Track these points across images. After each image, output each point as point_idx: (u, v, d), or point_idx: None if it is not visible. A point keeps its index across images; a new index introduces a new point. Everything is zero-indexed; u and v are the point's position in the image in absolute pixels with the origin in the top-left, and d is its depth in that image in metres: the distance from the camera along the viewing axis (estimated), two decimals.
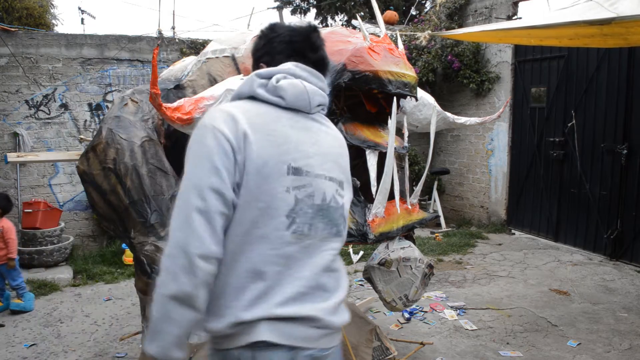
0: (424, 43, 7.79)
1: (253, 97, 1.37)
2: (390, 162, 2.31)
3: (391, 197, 2.45)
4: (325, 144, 1.41)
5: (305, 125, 1.38)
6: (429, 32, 7.56)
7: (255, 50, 1.53)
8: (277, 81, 1.36)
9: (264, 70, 1.40)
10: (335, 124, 2.37)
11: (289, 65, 1.41)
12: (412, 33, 8.00)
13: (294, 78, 1.39)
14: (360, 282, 5.13)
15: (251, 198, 1.26)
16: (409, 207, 2.57)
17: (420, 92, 3.01)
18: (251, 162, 1.25)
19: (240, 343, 1.26)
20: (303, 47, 1.47)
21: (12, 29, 6.21)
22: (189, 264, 1.18)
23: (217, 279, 1.26)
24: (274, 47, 1.47)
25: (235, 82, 2.07)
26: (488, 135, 7.55)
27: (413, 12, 10.95)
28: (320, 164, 1.37)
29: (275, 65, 1.43)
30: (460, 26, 7.82)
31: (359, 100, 2.63)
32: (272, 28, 1.50)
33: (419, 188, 2.63)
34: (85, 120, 6.58)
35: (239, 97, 1.40)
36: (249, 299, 1.25)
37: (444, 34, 5.79)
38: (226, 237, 1.26)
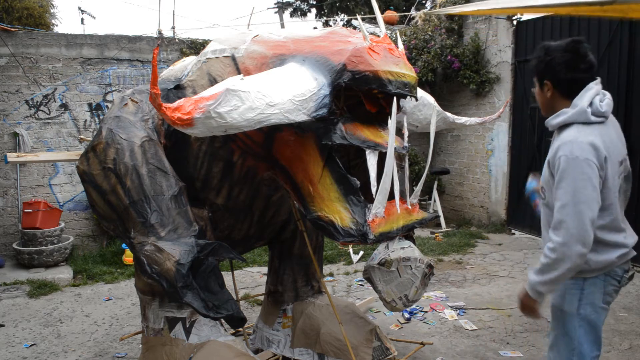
0: (419, 23, 7.79)
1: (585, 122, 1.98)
2: (390, 162, 2.30)
3: (391, 197, 2.45)
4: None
5: (609, 129, 2.04)
6: (424, 11, 7.55)
7: (539, 71, 2.10)
8: (601, 103, 2.00)
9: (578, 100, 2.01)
10: (335, 124, 2.37)
11: (594, 86, 2.02)
12: (411, 29, 7.99)
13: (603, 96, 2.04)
14: (360, 282, 5.14)
15: (605, 188, 1.99)
16: (409, 207, 2.56)
17: (420, 92, 3.01)
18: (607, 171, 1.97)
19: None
20: (577, 62, 2.05)
21: (12, 29, 6.21)
22: (582, 252, 1.93)
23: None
24: (554, 67, 2.03)
25: (235, 82, 2.06)
26: (488, 135, 7.55)
27: (413, 12, 10.94)
28: (621, 152, 2.08)
29: (557, 82, 2.06)
30: (460, 26, 7.83)
31: (359, 100, 2.63)
32: (547, 51, 2.08)
33: (419, 188, 2.62)
34: (85, 120, 6.59)
35: (572, 122, 1.99)
36: None
37: (440, 11, 5.70)
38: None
